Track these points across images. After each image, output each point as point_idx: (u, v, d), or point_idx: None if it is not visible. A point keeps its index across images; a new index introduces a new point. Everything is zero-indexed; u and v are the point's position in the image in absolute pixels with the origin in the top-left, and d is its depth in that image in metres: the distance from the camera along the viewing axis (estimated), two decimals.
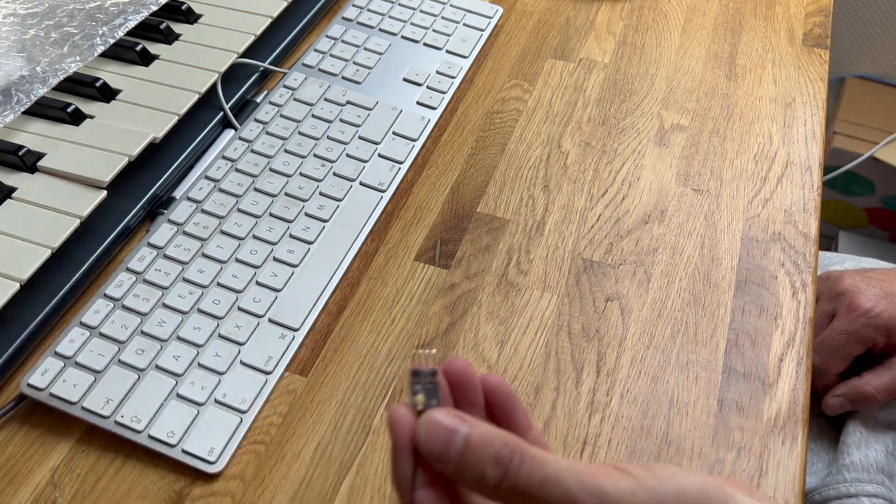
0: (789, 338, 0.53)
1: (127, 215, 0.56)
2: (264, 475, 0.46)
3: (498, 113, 0.67)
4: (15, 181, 0.56)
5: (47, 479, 0.45)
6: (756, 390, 0.50)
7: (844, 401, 0.64)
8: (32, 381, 0.47)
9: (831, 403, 0.64)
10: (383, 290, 0.55)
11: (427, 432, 0.32)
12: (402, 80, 0.68)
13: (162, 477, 0.45)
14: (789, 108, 0.69)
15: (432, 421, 0.32)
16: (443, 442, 0.31)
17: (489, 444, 0.31)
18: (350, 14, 0.73)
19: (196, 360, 0.49)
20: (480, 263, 0.56)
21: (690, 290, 0.55)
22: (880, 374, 0.63)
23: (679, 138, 0.66)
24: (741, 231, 0.59)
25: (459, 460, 0.31)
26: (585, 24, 0.76)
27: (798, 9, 0.79)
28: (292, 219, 0.57)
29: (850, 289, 0.64)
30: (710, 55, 0.74)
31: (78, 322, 0.50)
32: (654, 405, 0.49)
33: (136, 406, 0.47)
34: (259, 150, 0.61)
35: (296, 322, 0.51)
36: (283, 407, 0.49)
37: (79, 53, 0.62)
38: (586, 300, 0.54)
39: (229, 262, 0.54)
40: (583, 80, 0.70)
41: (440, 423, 0.31)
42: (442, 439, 0.31)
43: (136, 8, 0.66)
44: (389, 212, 0.59)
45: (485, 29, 0.73)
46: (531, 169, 0.63)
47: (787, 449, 0.48)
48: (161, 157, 0.60)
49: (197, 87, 0.63)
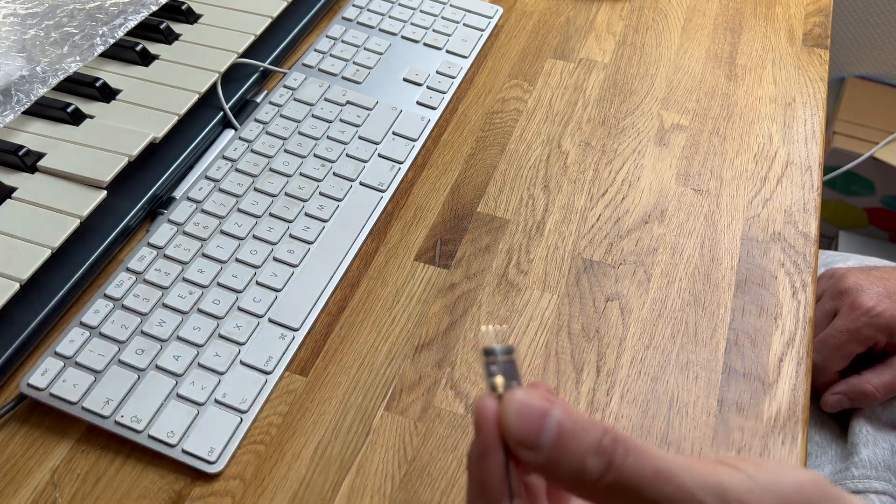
0: (789, 338, 0.53)
1: (127, 215, 0.56)
2: (264, 475, 0.46)
3: (498, 113, 0.67)
4: (15, 181, 0.56)
5: (47, 479, 0.45)
6: (756, 390, 0.50)
7: (844, 398, 0.64)
8: (32, 381, 0.47)
9: (830, 401, 0.64)
10: (383, 290, 0.55)
11: (516, 414, 0.27)
12: (402, 80, 0.68)
13: (162, 477, 0.45)
14: (789, 108, 0.69)
15: (521, 402, 0.27)
16: (535, 426, 0.27)
17: (586, 429, 0.27)
18: (350, 14, 0.73)
19: (196, 360, 0.49)
20: (480, 263, 0.56)
21: (690, 290, 0.55)
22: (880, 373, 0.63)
23: (679, 138, 0.66)
24: (741, 231, 0.59)
25: (554, 448, 0.27)
26: (585, 24, 0.76)
27: (798, 9, 0.79)
28: (292, 219, 0.57)
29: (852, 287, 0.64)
30: (710, 55, 0.74)
31: (78, 322, 0.50)
32: (654, 405, 0.49)
33: (136, 406, 0.47)
34: (259, 150, 0.61)
35: (296, 322, 0.51)
36: (283, 407, 0.49)
37: (79, 53, 0.62)
38: (586, 300, 0.54)
39: (229, 262, 0.54)
40: (583, 80, 0.70)
41: (529, 403, 0.27)
42: (534, 423, 0.27)
43: (136, 8, 0.66)
44: (389, 212, 0.59)
45: (485, 29, 0.73)
46: (531, 169, 0.63)
47: (787, 449, 0.48)
48: (161, 157, 0.60)
49: (197, 87, 0.63)
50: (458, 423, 0.48)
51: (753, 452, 0.47)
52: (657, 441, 0.48)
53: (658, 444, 0.48)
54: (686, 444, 0.48)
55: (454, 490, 0.45)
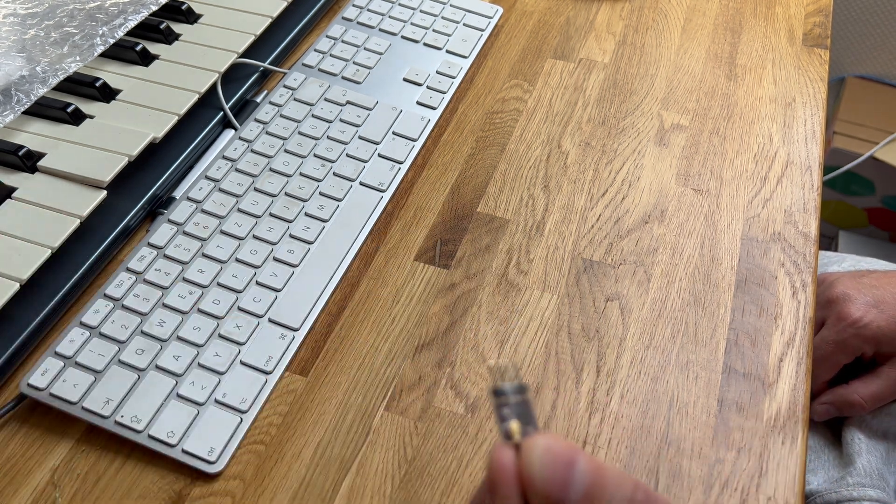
0: (789, 338, 0.53)
1: (127, 215, 0.56)
2: (264, 475, 0.46)
3: (498, 113, 0.67)
4: (15, 181, 0.56)
5: (47, 479, 0.45)
6: (756, 390, 0.50)
7: (832, 408, 0.64)
8: (32, 381, 0.47)
9: (818, 410, 0.65)
10: (383, 290, 0.55)
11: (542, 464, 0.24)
12: (402, 80, 0.68)
13: (162, 477, 0.45)
14: (789, 108, 0.69)
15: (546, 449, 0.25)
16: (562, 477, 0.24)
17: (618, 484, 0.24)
18: (350, 14, 0.73)
19: (196, 360, 0.49)
20: (480, 263, 0.56)
21: (690, 290, 0.55)
22: (868, 383, 0.63)
23: (679, 138, 0.66)
24: (741, 231, 0.59)
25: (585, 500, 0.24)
26: (585, 24, 0.76)
27: (798, 9, 0.79)
28: (292, 219, 0.57)
29: (840, 296, 0.64)
30: (710, 55, 0.74)
31: (78, 322, 0.50)
32: (654, 405, 0.49)
33: (136, 406, 0.47)
34: (259, 150, 0.61)
35: (296, 322, 0.51)
36: (283, 407, 0.49)
37: (79, 53, 0.62)
38: (586, 300, 0.54)
39: (229, 262, 0.54)
40: (583, 80, 0.70)
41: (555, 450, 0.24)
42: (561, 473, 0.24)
43: (136, 8, 0.66)
44: (389, 212, 0.59)
45: (485, 29, 0.73)
46: (531, 169, 0.63)
47: (787, 449, 0.48)
48: (161, 157, 0.60)
49: (197, 87, 0.63)
50: (458, 423, 0.48)
51: (753, 452, 0.47)
52: (657, 441, 0.48)
53: (658, 444, 0.48)
54: (686, 444, 0.48)
55: (454, 490, 0.45)
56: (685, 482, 0.46)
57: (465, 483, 0.46)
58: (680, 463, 0.47)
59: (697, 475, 0.46)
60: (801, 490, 0.46)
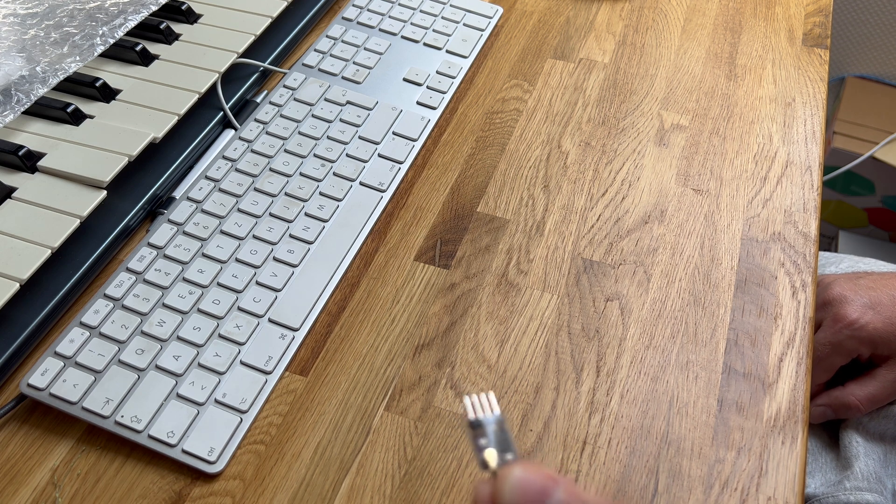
0: (789, 338, 0.53)
1: (127, 215, 0.56)
2: (264, 475, 0.46)
3: (498, 113, 0.67)
4: (15, 181, 0.56)
5: (47, 479, 0.45)
6: (756, 390, 0.50)
7: (828, 410, 0.64)
8: (32, 381, 0.47)
9: (815, 413, 0.65)
10: (383, 290, 0.55)
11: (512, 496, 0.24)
12: (402, 80, 0.68)
13: (162, 477, 0.45)
14: (789, 108, 0.69)
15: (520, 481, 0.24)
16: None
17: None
18: (350, 14, 0.73)
19: (196, 360, 0.49)
20: (480, 263, 0.56)
21: (690, 290, 0.55)
22: (864, 385, 0.63)
23: (679, 138, 0.66)
24: (741, 231, 0.59)
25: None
26: (585, 24, 0.76)
27: (798, 9, 0.79)
28: (292, 219, 0.57)
29: (836, 298, 0.64)
30: (710, 55, 0.74)
31: (78, 322, 0.50)
32: (654, 405, 0.49)
33: (136, 406, 0.47)
34: (259, 150, 0.61)
35: (296, 322, 0.51)
36: (283, 407, 0.49)
37: (79, 53, 0.62)
38: (586, 300, 0.54)
39: (229, 262, 0.54)
40: (583, 80, 0.70)
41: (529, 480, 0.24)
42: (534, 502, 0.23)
43: (136, 8, 0.66)
44: (389, 212, 0.59)
45: (485, 29, 0.73)
46: (531, 169, 0.63)
47: (787, 449, 0.48)
48: (161, 157, 0.60)
49: (197, 87, 0.63)
50: (458, 423, 0.48)
51: (753, 452, 0.47)
52: (657, 441, 0.48)
53: (658, 444, 0.48)
54: (686, 443, 0.48)
55: (454, 490, 0.45)
56: (685, 482, 0.46)
57: (465, 483, 0.46)
58: (680, 463, 0.47)
59: (697, 475, 0.46)
60: (801, 490, 0.46)
